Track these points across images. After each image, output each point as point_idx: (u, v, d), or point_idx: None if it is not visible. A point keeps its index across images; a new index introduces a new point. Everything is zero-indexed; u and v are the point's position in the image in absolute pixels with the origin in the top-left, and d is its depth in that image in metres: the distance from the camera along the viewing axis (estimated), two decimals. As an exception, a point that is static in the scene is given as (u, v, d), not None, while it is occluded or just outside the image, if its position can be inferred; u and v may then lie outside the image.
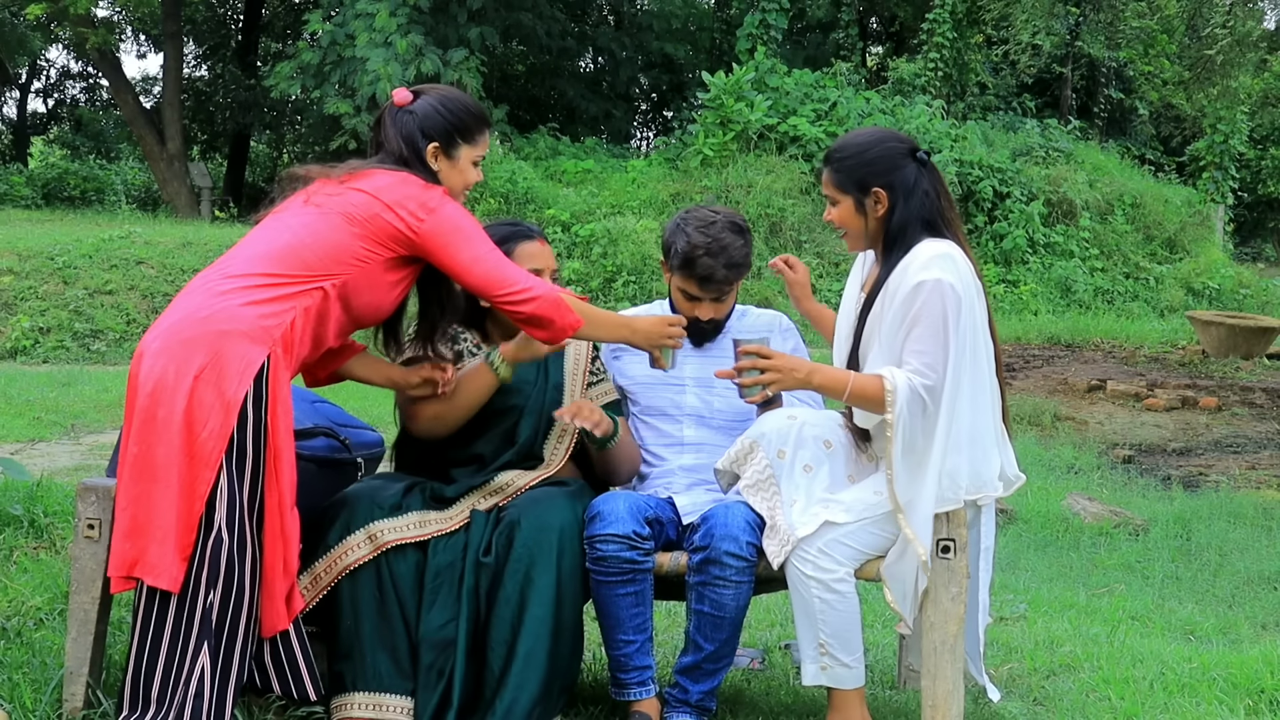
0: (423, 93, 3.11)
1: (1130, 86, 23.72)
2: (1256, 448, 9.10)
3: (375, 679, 2.98)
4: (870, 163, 3.11)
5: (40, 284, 12.70)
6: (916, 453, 3.00)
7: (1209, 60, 14.11)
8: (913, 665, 3.52)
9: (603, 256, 14.69)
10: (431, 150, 3.04)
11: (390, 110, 3.09)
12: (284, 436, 2.81)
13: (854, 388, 3.02)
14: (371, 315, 3.04)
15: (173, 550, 2.71)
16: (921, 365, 2.97)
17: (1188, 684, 3.56)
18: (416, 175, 3.01)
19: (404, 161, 3.03)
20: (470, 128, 3.10)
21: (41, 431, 8.03)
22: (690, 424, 3.46)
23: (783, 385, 3.06)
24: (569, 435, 3.37)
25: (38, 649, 3.32)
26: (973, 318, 3.04)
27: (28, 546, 4.23)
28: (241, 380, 2.74)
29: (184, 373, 2.74)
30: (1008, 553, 5.88)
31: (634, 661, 3.13)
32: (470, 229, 2.98)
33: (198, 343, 2.76)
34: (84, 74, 31.33)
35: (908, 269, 3.03)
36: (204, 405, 2.73)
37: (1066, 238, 17.00)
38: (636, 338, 3.18)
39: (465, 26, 18.28)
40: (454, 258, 2.95)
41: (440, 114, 3.05)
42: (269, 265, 2.86)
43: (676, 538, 3.27)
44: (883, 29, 27.41)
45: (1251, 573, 5.76)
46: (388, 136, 3.06)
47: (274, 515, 2.79)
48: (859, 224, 3.14)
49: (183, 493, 2.72)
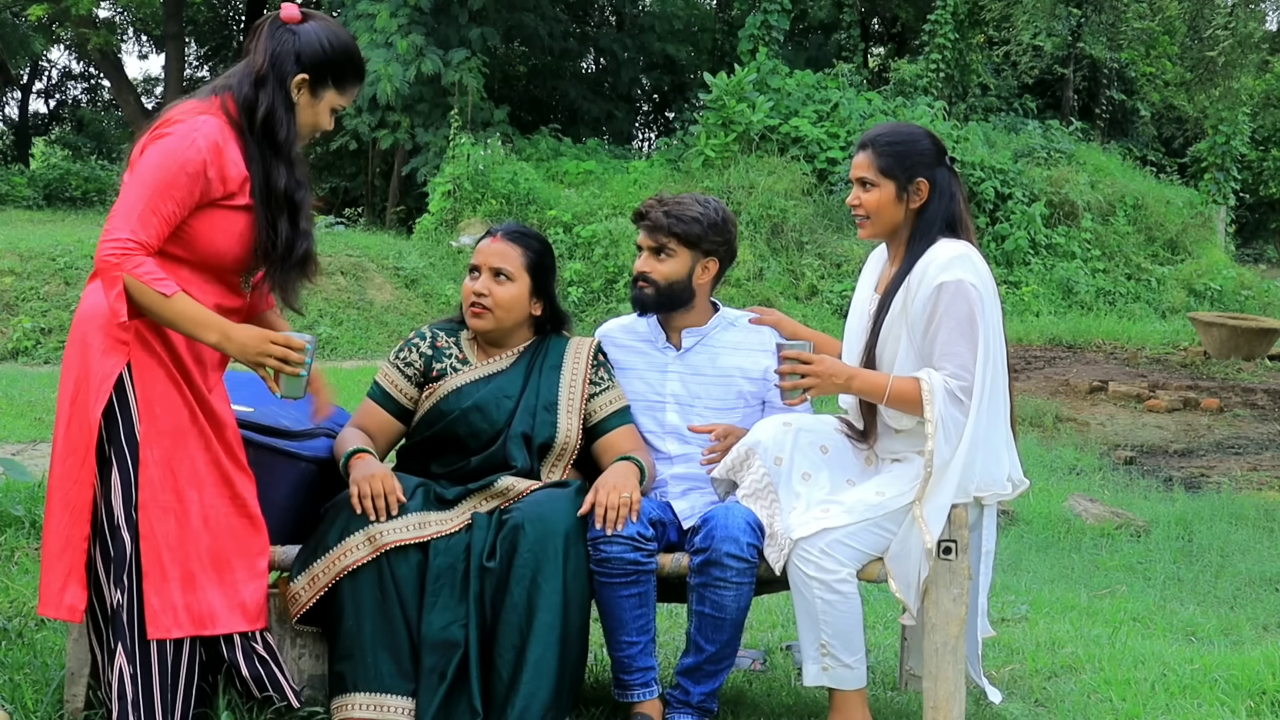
0: (312, 18, 2.91)
1: (1132, 88, 23.71)
2: (1258, 449, 9.09)
3: (376, 679, 2.97)
4: (918, 153, 3.16)
5: (42, 285, 12.68)
6: (949, 451, 3.03)
7: (1211, 61, 14.11)
8: (914, 669, 3.52)
9: (604, 257, 14.69)
10: (298, 80, 2.85)
11: (271, 22, 2.88)
12: (157, 441, 2.77)
13: (893, 390, 3.05)
14: (220, 258, 2.84)
15: (70, 579, 2.75)
16: (956, 368, 3.01)
17: (1189, 685, 3.56)
18: (208, 105, 2.79)
19: (259, 80, 2.82)
20: (347, 74, 2.91)
21: (43, 432, 7.98)
22: (673, 440, 3.45)
23: (823, 390, 3.10)
24: (569, 455, 3.33)
25: (39, 650, 3.33)
26: (993, 318, 3.08)
27: (29, 547, 4.24)
28: (99, 396, 2.74)
29: (62, 396, 2.80)
30: (1009, 554, 5.89)
31: (637, 663, 3.14)
32: (155, 167, 2.70)
33: (70, 356, 2.79)
34: (86, 75, 31.39)
35: (928, 268, 3.06)
36: (74, 427, 2.76)
37: (1068, 239, 16.99)
38: (229, 346, 2.80)
39: (466, 27, 18.28)
40: (123, 186, 2.76)
41: (323, 47, 2.86)
42: None
43: (677, 540, 3.27)
44: (884, 30, 27.42)
45: (1253, 574, 5.75)
46: (257, 48, 2.86)
47: (154, 519, 2.77)
48: (893, 212, 3.16)
49: (72, 517, 2.75)
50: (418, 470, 3.31)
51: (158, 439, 2.78)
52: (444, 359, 3.35)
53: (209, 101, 2.85)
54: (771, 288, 14.55)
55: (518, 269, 3.33)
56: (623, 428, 3.37)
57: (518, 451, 3.27)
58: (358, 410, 3.40)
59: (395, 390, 3.36)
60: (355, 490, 3.04)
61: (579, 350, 3.41)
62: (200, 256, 2.83)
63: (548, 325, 3.44)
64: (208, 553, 2.83)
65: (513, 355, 3.38)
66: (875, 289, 3.27)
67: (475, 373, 3.33)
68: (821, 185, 16.03)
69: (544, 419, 3.31)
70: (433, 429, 3.32)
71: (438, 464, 3.30)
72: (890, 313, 3.12)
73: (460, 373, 3.33)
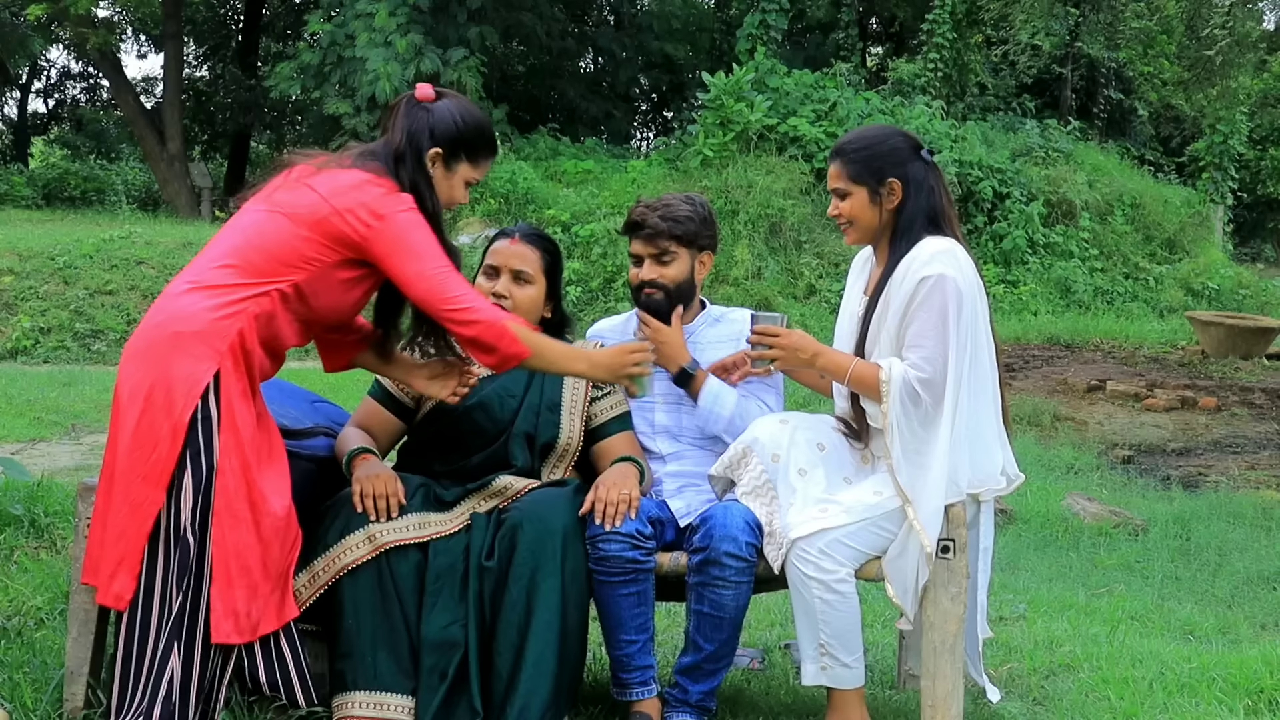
0: (445, 96, 3.07)
1: (1130, 87, 23.74)
2: (1256, 448, 9.12)
3: (376, 678, 2.98)
4: (886, 154, 3.16)
5: (41, 284, 12.73)
6: (918, 445, 3.03)
7: (1208, 61, 14.11)
8: (912, 669, 3.52)
9: (603, 257, 14.71)
10: (433, 154, 3.01)
11: (407, 101, 3.05)
12: (245, 447, 2.81)
13: (854, 372, 3.09)
14: (333, 316, 3.02)
15: (120, 569, 2.78)
16: (918, 359, 3.02)
17: (1187, 684, 3.57)
18: (387, 177, 2.95)
19: (399, 156, 2.98)
20: (478, 148, 3.07)
21: (42, 431, 8.08)
22: (664, 439, 3.46)
23: (789, 363, 3.17)
24: (570, 456, 3.35)
25: (38, 649, 3.34)
26: (974, 314, 3.08)
27: (28, 546, 4.24)
28: (189, 399, 2.76)
29: (137, 393, 2.79)
30: (1007, 553, 5.90)
31: (635, 661, 3.14)
32: (419, 240, 2.90)
33: (152, 353, 2.79)
34: (85, 74, 31.39)
35: (911, 264, 3.07)
36: (154, 427, 2.77)
37: (1066, 238, 17.00)
38: (596, 371, 3.09)
39: (465, 26, 18.28)
40: (400, 268, 2.90)
41: (455, 122, 3.02)
42: (219, 269, 2.85)
43: (675, 538, 3.28)
44: (882, 29, 27.44)
45: (1251, 573, 5.77)
46: (395, 126, 3.02)
47: (225, 527, 2.80)
48: (870, 216, 3.17)
49: (131, 512, 2.77)
50: (419, 467, 3.32)
51: (236, 449, 2.80)
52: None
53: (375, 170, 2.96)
54: (770, 286, 14.57)
55: (537, 271, 3.36)
56: (623, 434, 3.39)
57: (519, 450, 3.29)
58: (359, 409, 3.40)
59: (399, 389, 3.37)
60: (358, 489, 3.05)
61: None
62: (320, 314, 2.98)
63: (554, 327, 3.45)
64: (274, 564, 2.86)
65: None
66: (864, 291, 3.28)
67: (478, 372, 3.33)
68: (819, 184, 16.03)
69: (547, 419, 3.32)
70: (435, 426, 3.33)
71: (440, 462, 3.30)
72: (877, 314, 3.14)
73: None
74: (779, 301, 14.19)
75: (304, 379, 2.92)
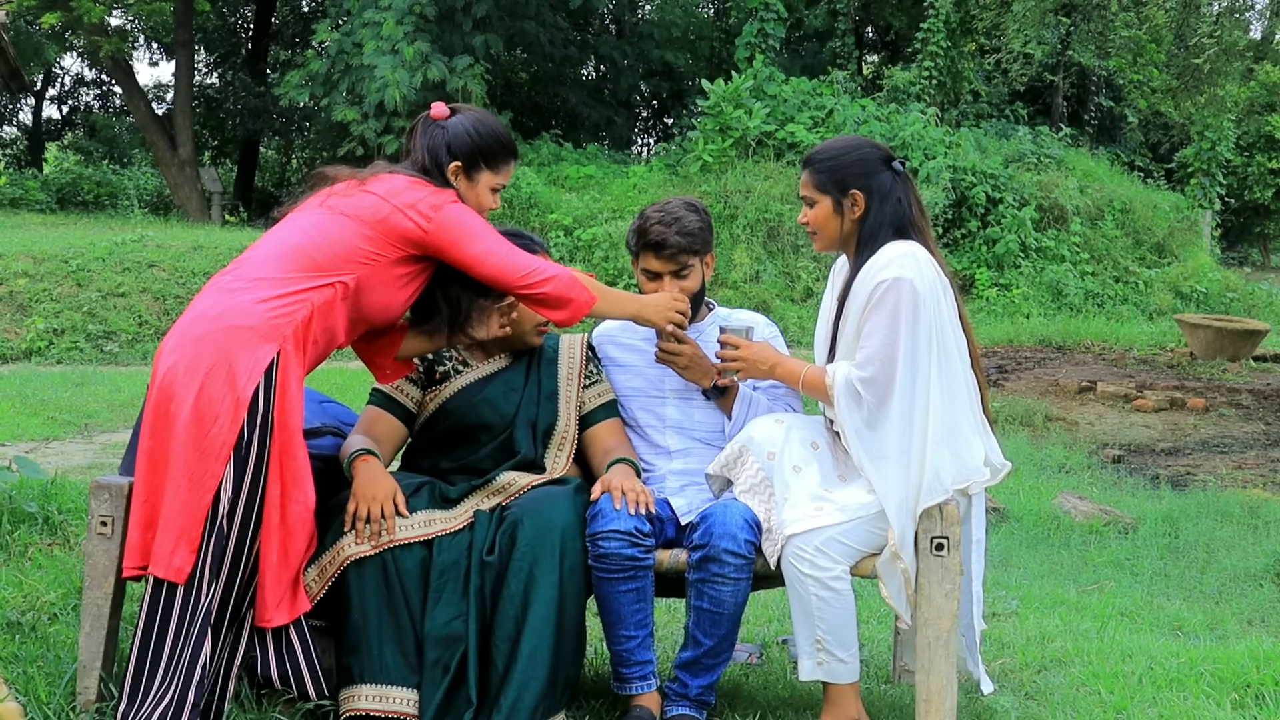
0: (459, 111, 3.20)
1: (1120, 95, 23.80)
2: (1243, 447, 9.17)
3: (382, 671, 3.00)
4: (850, 165, 3.19)
5: (54, 286, 12.76)
6: (871, 446, 3.06)
7: (1197, 69, 14.19)
8: (907, 664, 3.53)
9: (604, 260, 14.88)
10: (453, 168, 3.13)
11: (424, 121, 3.18)
12: (292, 432, 2.85)
13: (805, 379, 3.19)
14: (381, 314, 3.09)
15: (181, 543, 2.77)
16: (861, 357, 3.05)
17: (1176, 678, 3.59)
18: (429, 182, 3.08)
19: (425, 172, 3.10)
20: (495, 155, 3.18)
21: (56, 431, 8.07)
22: (673, 434, 3.49)
23: (750, 373, 3.28)
24: (569, 444, 3.40)
25: (52, 643, 3.34)
26: (938, 313, 3.08)
27: (42, 543, 4.23)
28: (251, 376, 2.80)
29: (195, 369, 2.79)
30: (1000, 550, 5.92)
31: (635, 656, 3.16)
32: (477, 225, 3.06)
33: (209, 340, 2.82)
34: (97, 81, 31.37)
35: (870, 269, 3.10)
36: (214, 400, 2.78)
37: (1057, 242, 17.07)
38: (647, 311, 3.29)
39: (470, 34, 18.32)
40: (465, 252, 3.03)
41: (469, 136, 3.15)
42: (280, 264, 2.92)
43: (675, 536, 3.31)
44: (878, 38, 27.47)
45: (1238, 569, 5.80)
46: (415, 145, 3.14)
47: (273, 508, 2.84)
48: (834, 225, 3.21)
49: (191, 486, 2.77)
50: (425, 465, 3.38)
51: (281, 432, 2.85)
52: (445, 362, 3.43)
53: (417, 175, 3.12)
54: (768, 289, 14.73)
55: None
56: (611, 420, 3.47)
57: (524, 438, 3.36)
58: (360, 420, 3.43)
59: (399, 394, 3.41)
60: (351, 507, 3.06)
61: (571, 346, 3.52)
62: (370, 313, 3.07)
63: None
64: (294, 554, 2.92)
65: (511, 354, 3.48)
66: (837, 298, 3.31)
67: (477, 373, 3.42)
68: (811, 189, 16.22)
69: (547, 407, 3.42)
70: (441, 425, 3.39)
71: (447, 459, 3.37)
72: (842, 320, 3.18)
73: (463, 374, 3.41)
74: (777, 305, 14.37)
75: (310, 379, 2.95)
